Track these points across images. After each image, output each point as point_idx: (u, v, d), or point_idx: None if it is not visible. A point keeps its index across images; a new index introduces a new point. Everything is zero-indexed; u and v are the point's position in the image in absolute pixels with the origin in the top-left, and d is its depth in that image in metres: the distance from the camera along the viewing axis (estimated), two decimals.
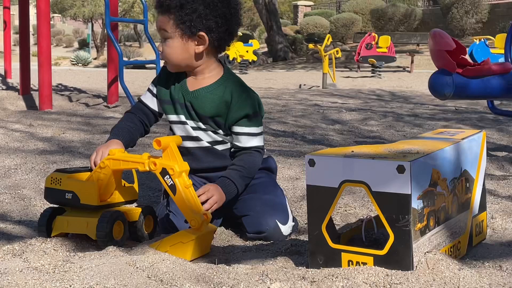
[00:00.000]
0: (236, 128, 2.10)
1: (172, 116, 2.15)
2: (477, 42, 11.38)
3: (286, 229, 2.04)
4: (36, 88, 6.37)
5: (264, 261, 1.72)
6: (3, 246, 1.80)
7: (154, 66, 6.25)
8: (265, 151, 2.19)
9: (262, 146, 2.15)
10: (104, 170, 1.86)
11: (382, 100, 7.97)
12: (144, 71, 16.18)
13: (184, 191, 1.79)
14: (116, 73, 6.14)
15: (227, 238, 2.07)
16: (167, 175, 1.79)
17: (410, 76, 14.09)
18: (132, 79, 11.25)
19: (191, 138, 2.12)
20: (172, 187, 1.79)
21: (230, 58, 14.66)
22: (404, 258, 1.49)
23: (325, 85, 10.59)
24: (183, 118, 2.12)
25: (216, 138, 2.13)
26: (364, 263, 1.54)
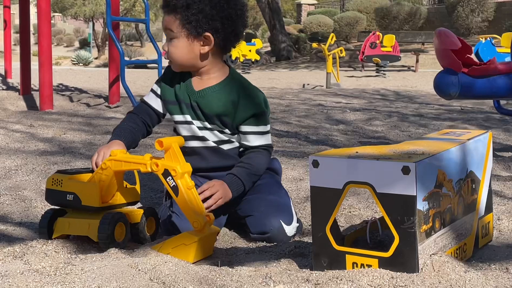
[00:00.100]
0: (244, 127, 2.11)
1: (178, 116, 2.14)
2: (483, 41, 11.34)
3: (290, 229, 2.03)
4: (36, 88, 6.37)
5: (267, 263, 1.72)
6: (4, 248, 1.79)
7: (156, 65, 6.25)
8: (273, 149, 2.20)
9: (271, 144, 2.18)
10: (105, 171, 1.85)
11: (386, 100, 7.95)
12: (145, 70, 16.19)
13: (187, 192, 1.78)
14: (117, 73, 6.14)
15: (230, 240, 2.06)
16: (169, 176, 1.78)
17: (415, 76, 14.07)
18: (133, 79, 11.25)
19: (197, 138, 2.13)
20: (175, 189, 1.78)
21: (233, 58, 14.65)
22: (409, 260, 1.48)
23: (329, 84, 10.59)
24: (189, 118, 2.12)
25: (222, 137, 2.13)
26: (368, 265, 1.53)
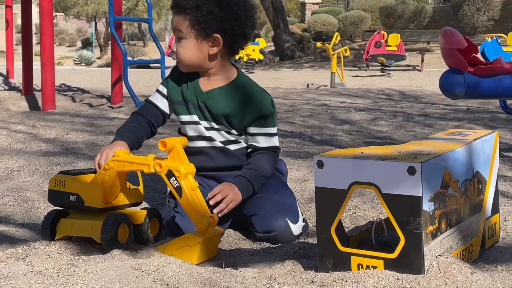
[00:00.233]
0: (253, 129, 2.12)
1: (185, 116, 2.15)
2: (489, 40, 11.30)
3: (296, 228, 2.03)
4: (39, 88, 6.37)
5: (272, 264, 1.71)
6: (6, 250, 1.79)
7: (159, 65, 6.24)
8: (280, 151, 2.20)
9: (278, 146, 2.19)
10: (108, 172, 1.84)
11: (391, 99, 7.93)
12: (148, 70, 16.19)
13: (190, 193, 1.77)
14: (120, 72, 6.13)
15: (234, 241, 2.05)
16: (173, 177, 1.77)
17: (420, 75, 14.04)
18: (136, 78, 11.26)
19: (204, 138, 2.14)
20: (178, 189, 1.77)
21: (236, 57, 14.64)
22: (415, 262, 1.48)
23: (333, 84, 10.57)
24: (196, 118, 2.13)
25: (229, 138, 2.14)
26: (374, 267, 1.52)
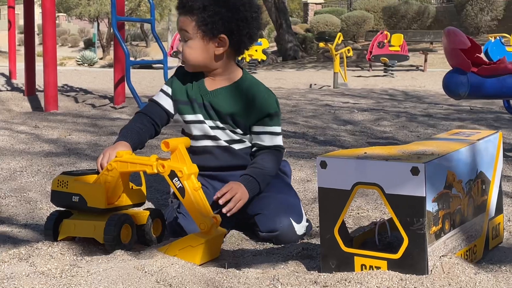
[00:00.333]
0: (258, 127, 2.14)
1: (189, 116, 2.16)
2: (492, 40, 11.26)
3: (300, 228, 2.03)
4: (41, 89, 6.37)
5: (275, 265, 1.71)
6: (9, 250, 1.78)
7: (161, 66, 6.23)
8: (285, 150, 2.20)
9: (283, 146, 2.20)
10: (111, 172, 1.84)
11: (394, 100, 7.93)
12: (151, 71, 16.19)
13: (193, 193, 1.77)
14: (122, 73, 6.13)
15: (237, 242, 2.05)
16: (176, 178, 1.77)
17: (423, 75, 14.02)
18: (139, 79, 11.26)
19: (209, 137, 2.14)
20: (181, 190, 1.77)
21: (239, 58, 14.61)
22: (419, 262, 1.47)
23: (336, 84, 10.56)
24: (201, 118, 2.14)
25: (234, 137, 2.15)
26: (377, 267, 1.52)
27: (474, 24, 22.10)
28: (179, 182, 1.77)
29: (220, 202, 1.96)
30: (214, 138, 2.14)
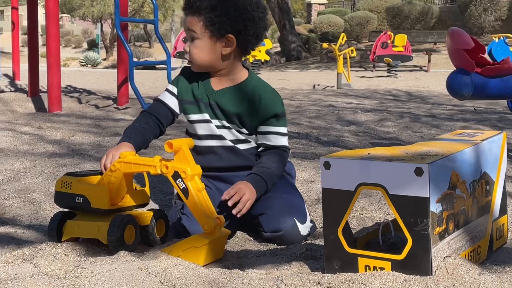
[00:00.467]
0: (265, 127, 2.14)
1: (195, 115, 2.16)
2: (496, 40, 11.23)
3: (304, 228, 2.03)
4: (45, 90, 6.38)
5: (278, 266, 1.70)
6: (13, 251, 1.79)
7: (164, 66, 6.23)
8: (290, 151, 2.20)
9: (289, 147, 2.20)
10: (115, 173, 1.84)
11: (398, 100, 7.91)
12: (154, 72, 16.21)
13: (197, 194, 1.77)
14: (126, 74, 6.13)
15: (241, 243, 2.05)
16: (179, 178, 1.77)
17: (427, 76, 14.01)
18: (142, 80, 11.27)
19: (215, 136, 2.15)
20: (185, 191, 1.77)
21: (243, 58, 14.58)
22: (423, 263, 1.47)
23: (339, 85, 10.55)
24: (207, 117, 2.14)
25: (240, 137, 2.16)
26: (381, 268, 1.52)
27: (478, 24, 22.06)
28: (182, 183, 1.76)
29: (229, 204, 1.97)
30: (220, 138, 2.15)
